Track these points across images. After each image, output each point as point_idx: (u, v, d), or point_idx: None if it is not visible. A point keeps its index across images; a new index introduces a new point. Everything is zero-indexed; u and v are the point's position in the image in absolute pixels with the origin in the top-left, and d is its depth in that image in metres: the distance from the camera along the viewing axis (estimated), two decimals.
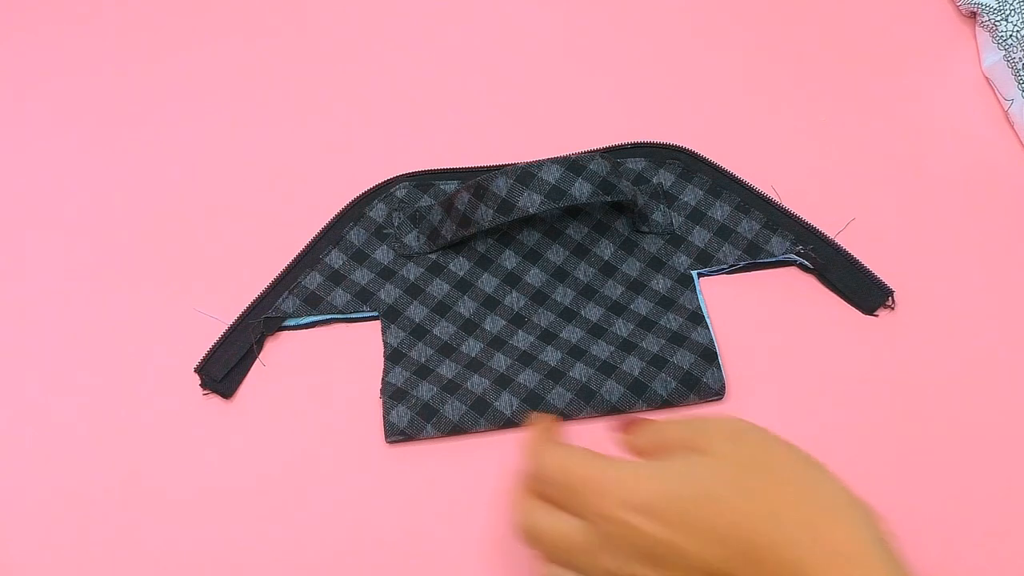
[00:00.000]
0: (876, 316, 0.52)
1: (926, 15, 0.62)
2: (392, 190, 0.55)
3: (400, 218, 0.54)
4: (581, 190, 0.51)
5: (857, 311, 0.52)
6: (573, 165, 0.51)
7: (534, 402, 0.49)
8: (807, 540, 0.32)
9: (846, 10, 0.63)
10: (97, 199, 0.57)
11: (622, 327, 0.51)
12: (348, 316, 0.52)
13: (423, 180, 0.56)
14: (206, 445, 0.49)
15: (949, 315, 0.52)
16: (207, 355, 0.50)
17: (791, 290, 0.53)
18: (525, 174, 0.51)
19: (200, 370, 0.50)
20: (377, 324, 0.52)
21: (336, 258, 0.53)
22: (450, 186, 0.55)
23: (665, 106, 0.59)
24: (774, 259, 0.53)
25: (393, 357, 0.51)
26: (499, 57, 0.62)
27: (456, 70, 0.61)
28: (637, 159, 0.56)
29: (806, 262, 0.53)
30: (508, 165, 0.54)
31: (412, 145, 0.58)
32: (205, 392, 0.50)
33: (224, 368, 0.50)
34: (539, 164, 0.51)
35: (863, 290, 0.52)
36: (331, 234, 0.54)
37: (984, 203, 0.56)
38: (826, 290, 0.53)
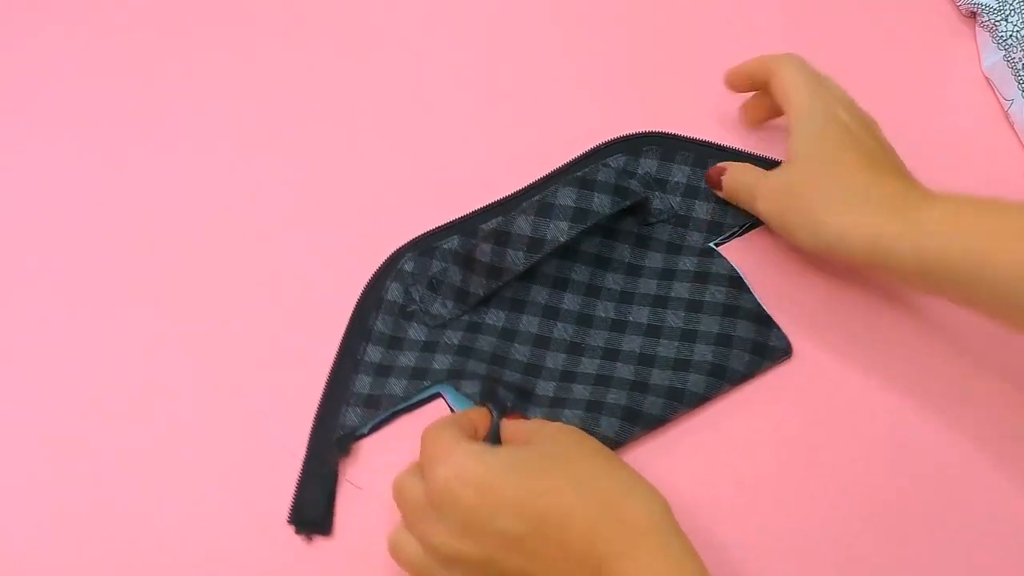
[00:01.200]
0: None
1: (926, 15, 0.62)
2: (399, 267, 0.53)
3: (419, 291, 0.52)
4: (602, 203, 0.50)
5: None
6: (583, 182, 0.51)
7: (633, 417, 0.47)
8: (600, 512, 0.37)
9: (845, 10, 0.63)
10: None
11: (674, 318, 0.51)
12: (412, 401, 0.49)
13: (424, 246, 0.53)
14: None
15: (948, 314, 0.52)
16: (294, 502, 0.46)
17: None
18: (543, 206, 0.50)
19: (293, 520, 0.46)
20: (440, 405, 0.49)
21: (374, 353, 0.50)
22: (452, 243, 0.53)
23: (663, 107, 0.59)
24: None
25: (486, 397, 0.48)
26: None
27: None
28: (617, 157, 0.56)
29: None
30: (495, 203, 0.54)
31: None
32: (309, 538, 0.46)
33: (317, 507, 0.46)
34: (552, 192, 0.50)
35: None
36: (358, 330, 0.51)
37: None
38: None
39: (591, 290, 0.52)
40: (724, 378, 0.49)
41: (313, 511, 0.46)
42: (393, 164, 0.57)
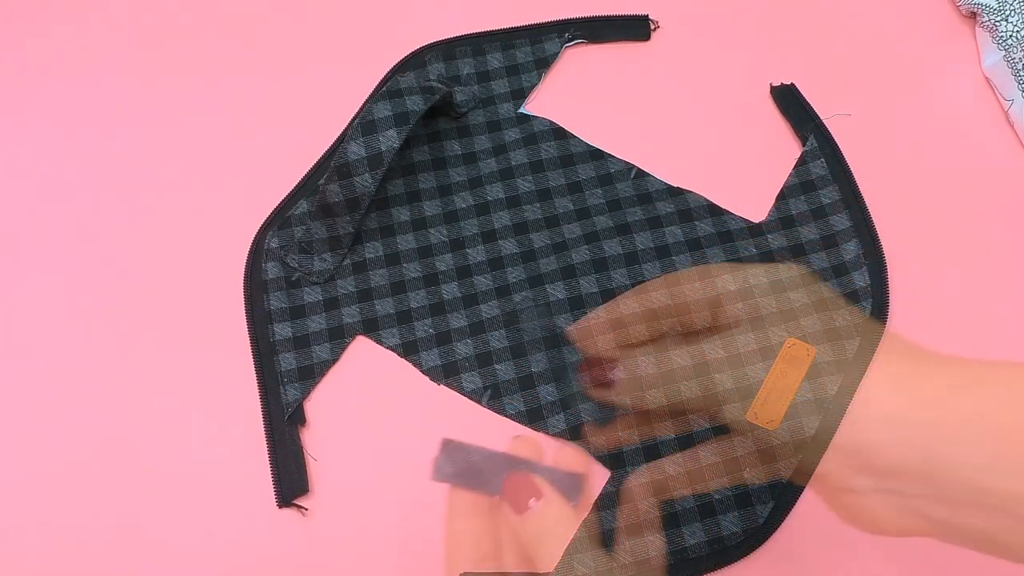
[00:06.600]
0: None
1: (926, 15, 0.62)
2: (266, 247, 0.54)
3: (295, 258, 0.53)
4: (415, 103, 0.52)
5: None
6: (391, 93, 0.52)
7: (536, 280, 0.52)
8: None
9: (845, 10, 0.63)
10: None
11: (525, 184, 0.55)
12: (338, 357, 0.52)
13: (278, 218, 0.55)
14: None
15: (949, 315, 0.52)
16: (276, 485, 0.49)
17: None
18: (366, 125, 0.51)
19: (283, 502, 0.48)
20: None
21: (283, 329, 0.52)
22: (301, 207, 0.55)
23: (660, 103, 0.60)
24: (556, 54, 0.59)
25: (411, 348, 0.51)
26: None
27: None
28: (407, 74, 0.58)
29: (581, 40, 0.60)
30: (321, 159, 0.56)
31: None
32: (304, 510, 0.49)
33: (296, 482, 0.49)
34: (368, 111, 0.52)
35: (628, 29, 0.60)
36: (258, 315, 0.52)
37: (984, 203, 0.56)
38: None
39: (443, 190, 0.55)
40: (589, 216, 0.54)
41: (294, 487, 0.49)
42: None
